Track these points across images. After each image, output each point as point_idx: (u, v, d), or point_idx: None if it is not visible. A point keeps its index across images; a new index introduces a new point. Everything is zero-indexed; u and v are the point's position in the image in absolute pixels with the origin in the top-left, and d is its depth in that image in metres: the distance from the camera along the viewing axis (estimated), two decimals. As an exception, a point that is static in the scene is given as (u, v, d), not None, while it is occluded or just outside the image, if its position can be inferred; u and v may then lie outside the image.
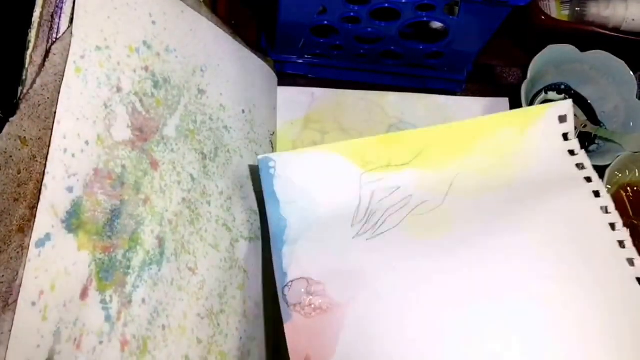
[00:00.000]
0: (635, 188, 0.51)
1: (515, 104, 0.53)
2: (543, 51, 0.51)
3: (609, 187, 0.50)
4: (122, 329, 0.29)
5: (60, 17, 0.29)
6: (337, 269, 0.38)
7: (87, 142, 0.28)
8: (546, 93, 0.55)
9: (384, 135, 0.43)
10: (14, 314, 0.24)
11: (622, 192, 0.51)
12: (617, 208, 0.50)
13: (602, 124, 0.54)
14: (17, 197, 0.25)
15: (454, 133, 0.43)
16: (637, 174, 0.51)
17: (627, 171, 0.51)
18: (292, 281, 0.37)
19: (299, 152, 0.42)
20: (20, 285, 0.24)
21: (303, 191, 0.41)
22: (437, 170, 0.42)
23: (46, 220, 0.26)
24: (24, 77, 0.27)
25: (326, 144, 0.42)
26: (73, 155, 0.27)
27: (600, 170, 0.49)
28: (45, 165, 0.26)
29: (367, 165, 0.42)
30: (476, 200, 0.40)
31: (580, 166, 0.42)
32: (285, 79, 0.52)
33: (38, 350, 0.25)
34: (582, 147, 0.53)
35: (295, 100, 0.52)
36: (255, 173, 0.44)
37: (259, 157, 0.41)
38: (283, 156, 0.41)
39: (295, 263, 0.38)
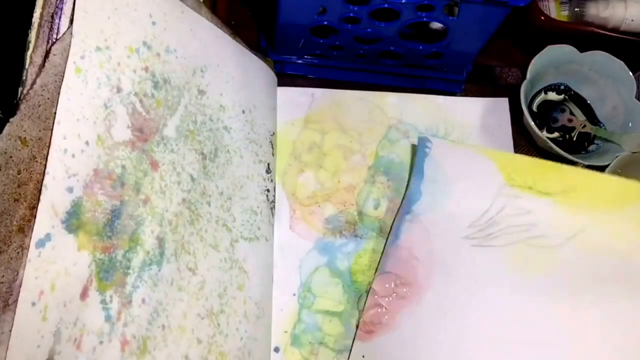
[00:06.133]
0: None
1: (514, 105, 0.53)
2: (542, 51, 0.51)
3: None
4: (122, 329, 0.29)
5: (60, 17, 0.29)
6: (435, 254, 0.42)
7: (87, 143, 0.28)
8: (545, 93, 0.55)
9: (539, 160, 0.45)
10: (14, 314, 0.24)
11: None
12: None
13: (601, 124, 0.54)
14: (17, 197, 0.25)
15: (609, 187, 0.43)
16: (636, 174, 0.51)
17: (626, 171, 0.51)
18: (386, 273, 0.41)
19: (455, 144, 0.48)
20: (20, 286, 0.24)
21: (446, 176, 0.45)
22: (574, 213, 0.42)
23: (46, 220, 0.26)
24: (24, 78, 0.27)
25: (481, 147, 0.46)
26: (73, 156, 0.27)
27: (599, 170, 0.49)
28: (45, 165, 0.26)
29: (511, 179, 0.44)
30: (590, 260, 0.40)
31: None
32: (285, 79, 0.52)
33: (38, 350, 0.25)
34: (581, 148, 0.53)
35: (295, 100, 0.52)
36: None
37: (419, 135, 0.47)
38: (440, 142, 0.47)
39: (408, 233, 0.43)
